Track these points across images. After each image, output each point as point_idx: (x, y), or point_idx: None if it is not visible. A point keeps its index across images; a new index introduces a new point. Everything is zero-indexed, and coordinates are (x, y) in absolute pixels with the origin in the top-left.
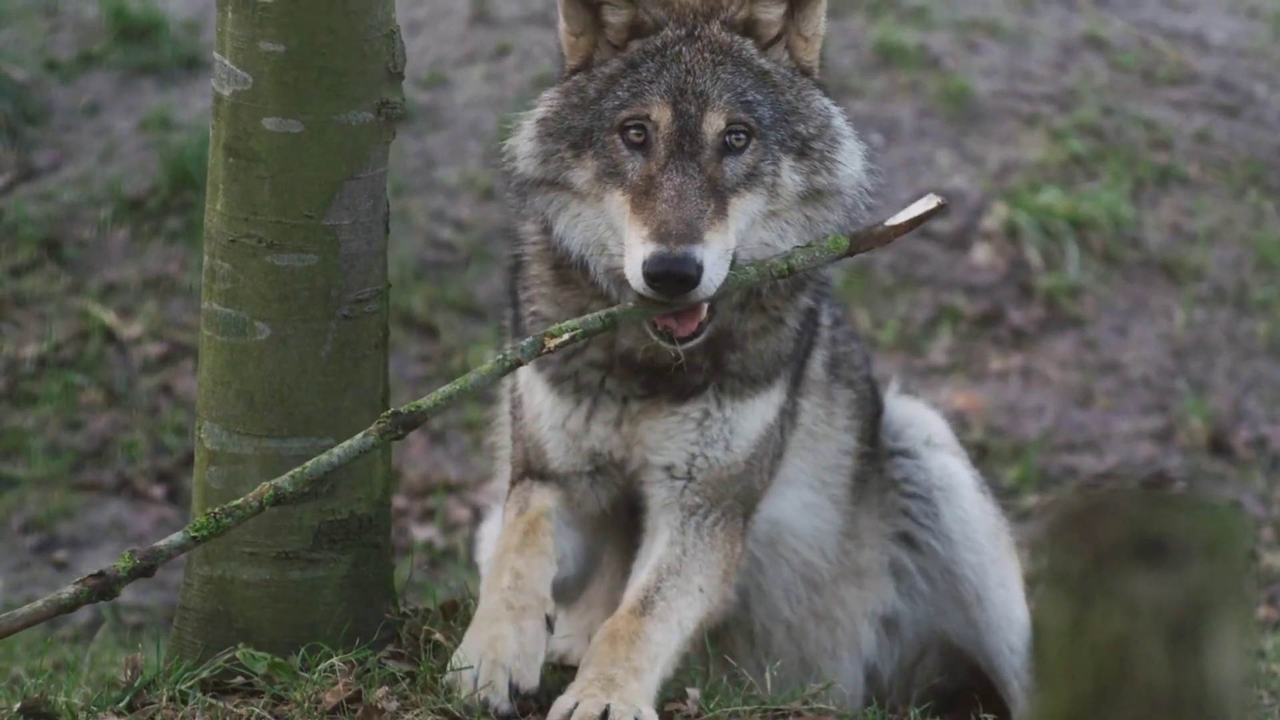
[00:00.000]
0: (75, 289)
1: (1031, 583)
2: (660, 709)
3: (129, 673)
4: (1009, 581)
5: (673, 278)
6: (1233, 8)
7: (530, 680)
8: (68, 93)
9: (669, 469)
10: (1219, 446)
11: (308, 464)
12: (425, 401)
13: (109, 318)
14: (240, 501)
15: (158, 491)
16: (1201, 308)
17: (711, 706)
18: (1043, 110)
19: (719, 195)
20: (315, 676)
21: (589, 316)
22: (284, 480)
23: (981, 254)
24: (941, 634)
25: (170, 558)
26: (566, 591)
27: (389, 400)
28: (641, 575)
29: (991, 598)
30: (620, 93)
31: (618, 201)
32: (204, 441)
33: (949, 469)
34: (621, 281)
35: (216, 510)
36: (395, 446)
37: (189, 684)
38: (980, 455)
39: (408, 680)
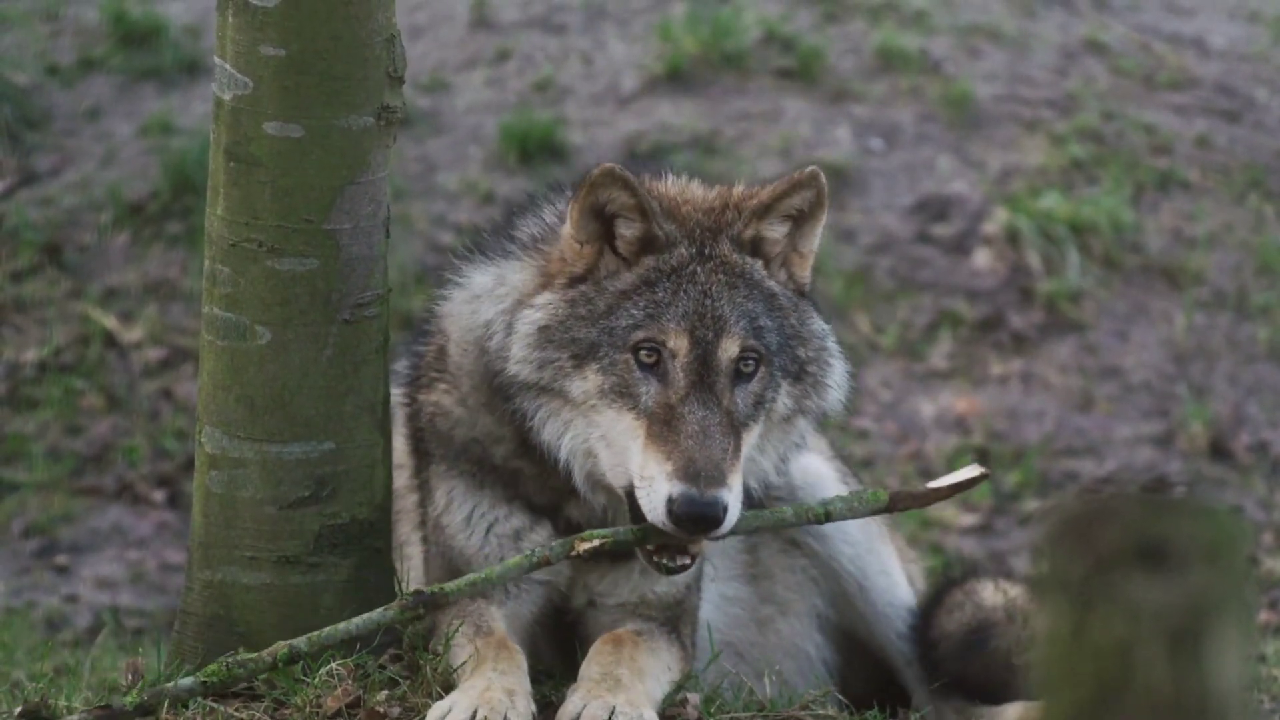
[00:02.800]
0: (76, 294)
1: (1031, 586)
2: (661, 715)
3: (130, 677)
4: (890, 568)
5: (703, 521)
6: (1233, 13)
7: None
8: (68, 97)
9: (620, 605)
10: (1219, 451)
11: (324, 630)
12: (449, 586)
13: (109, 322)
14: (255, 655)
15: (158, 496)
16: (1202, 313)
17: (712, 711)
18: (1043, 115)
19: (735, 431)
20: (316, 681)
21: (622, 529)
22: (300, 641)
23: (982, 259)
24: (846, 626)
25: (177, 701)
26: None
27: (389, 405)
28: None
29: (874, 585)
30: (635, 311)
31: (627, 423)
32: (204, 446)
33: (809, 467)
34: (601, 488)
35: (230, 660)
36: None
37: None
38: (981, 460)
39: (408, 684)
